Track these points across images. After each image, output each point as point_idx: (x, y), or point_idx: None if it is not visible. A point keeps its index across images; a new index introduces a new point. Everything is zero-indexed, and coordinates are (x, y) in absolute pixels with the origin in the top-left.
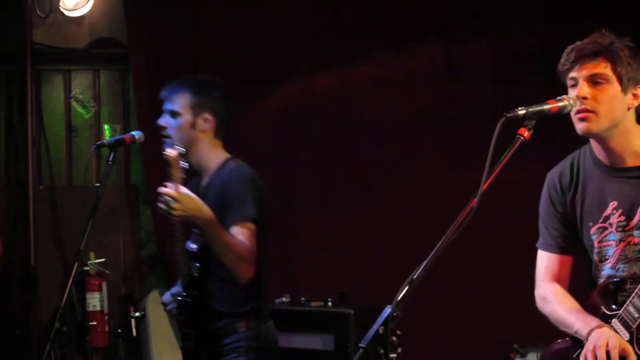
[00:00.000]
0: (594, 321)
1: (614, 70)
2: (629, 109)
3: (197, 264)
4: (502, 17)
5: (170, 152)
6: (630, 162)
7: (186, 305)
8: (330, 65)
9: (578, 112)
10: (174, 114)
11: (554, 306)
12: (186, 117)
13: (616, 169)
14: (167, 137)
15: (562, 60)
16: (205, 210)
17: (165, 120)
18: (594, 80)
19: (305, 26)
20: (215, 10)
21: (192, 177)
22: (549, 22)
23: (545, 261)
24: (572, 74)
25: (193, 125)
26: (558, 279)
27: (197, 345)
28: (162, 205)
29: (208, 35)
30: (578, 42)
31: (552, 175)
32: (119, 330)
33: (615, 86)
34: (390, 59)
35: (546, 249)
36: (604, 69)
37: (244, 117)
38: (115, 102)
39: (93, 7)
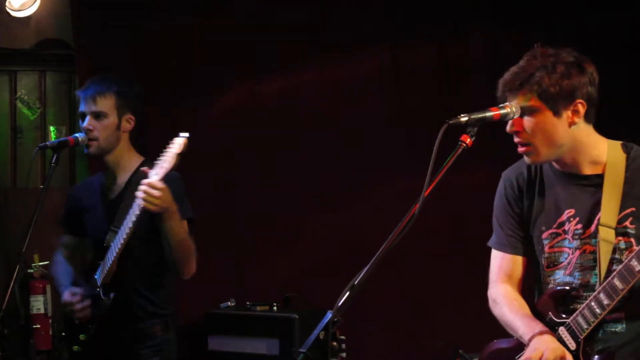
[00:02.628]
0: (538, 326)
1: (539, 98)
2: (571, 125)
3: (122, 266)
4: (448, 23)
5: (183, 139)
6: (588, 170)
7: (106, 305)
8: (276, 69)
9: (518, 146)
10: (100, 115)
11: (503, 308)
12: (112, 118)
13: (573, 176)
14: (92, 139)
15: (497, 91)
16: (175, 204)
17: (90, 123)
18: (523, 112)
19: (251, 30)
20: (160, 12)
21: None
22: (494, 27)
23: (499, 261)
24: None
25: (118, 126)
26: (511, 280)
27: (105, 348)
28: (142, 195)
29: (153, 37)
30: (507, 73)
31: (509, 175)
32: (63, 334)
33: (546, 113)
34: (336, 63)
35: (500, 248)
36: (529, 100)
37: (189, 118)
38: (61, 103)
39: (39, 7)
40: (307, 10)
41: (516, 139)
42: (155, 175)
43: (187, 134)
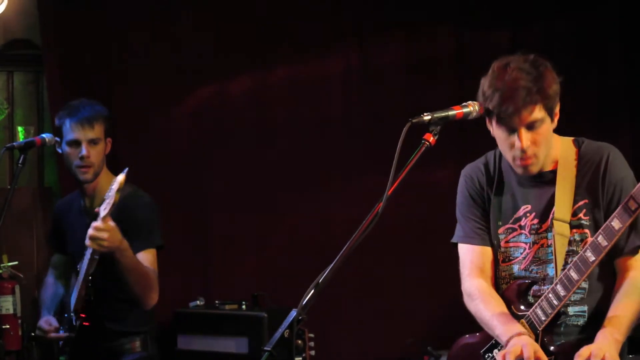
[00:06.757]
0: (515, 327)
1: (545, 108)
2: (554, 127)
3: (93, 288)
4: (416, 20)
5: (121, 177)
6: (545, 168)
7: (83, 329)
8: (246, 67)
9: (522, 159)
10: (95, 142)
11: (479, 305)
12: (102, 143)
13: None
14: (88, 166)
15: (494, 104)
16: (125, 242)
17: (89, 151)
18: (532, 126)
19: (220, 28)
20: (128, 12)
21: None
22: (461, 25)
23: (470, 255)
24: (506, 121)
25: (104, 150)
26: (483, 273)
27: None
28: (92, 243)
29: (122, 37)
30: (499, 98)
31: (468, 171)
32: (32, 334)
33: (547, 121)
34: (305, 60)
35: (468, 241)
36: (538, 112)
37: (158, 118)
38: (29, 103)
39: (7, 8)
40: (274, 8)
41: (523, 154)
42: (104, 210)
43: (126, 169)
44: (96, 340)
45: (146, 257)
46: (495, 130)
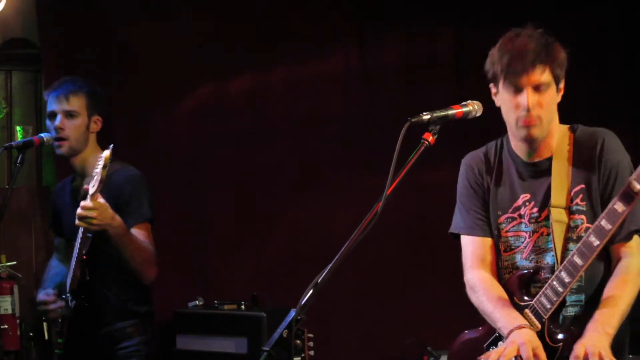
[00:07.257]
0: (517, 320)
1: (552, 73)
2: (557, 102)
3: (88, 267)
4: (416, 20)
5: (107, 153)
6: (543, 155)
7: (80, 309)
8: (245, 67)
9: (525, 119)
10: (71, 115)
11: (481, 297)
12: (82, 118)
13: (530, 163)
14: (62, 139)
15: (503, 64)
16: (117, 217)
17: (62, 122)
18: (538, 88)
19: (220, 28)
20: (128, 13)
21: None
22: (460, 27)
23: (471, 246)
24: (514, 81)
25: (87, 127)
26: (485, 264)
27: (84, 349)
28: (81, 222)
29: (121, 37)
30: (508, 58)
31: (469, 160)
32: (31, 334)
33: (553, 87)
34: (305, 60)
35: (469, 232)
36: (546, 76)
37: (158, 118)
38: (27, 103)
39: (5, 7)
40: (274, 8)
41: (527, 114)
42: (92, 188)
43: (111, 146)
44: (94, 324)
45: (139, 232)
46: (502, 91)
